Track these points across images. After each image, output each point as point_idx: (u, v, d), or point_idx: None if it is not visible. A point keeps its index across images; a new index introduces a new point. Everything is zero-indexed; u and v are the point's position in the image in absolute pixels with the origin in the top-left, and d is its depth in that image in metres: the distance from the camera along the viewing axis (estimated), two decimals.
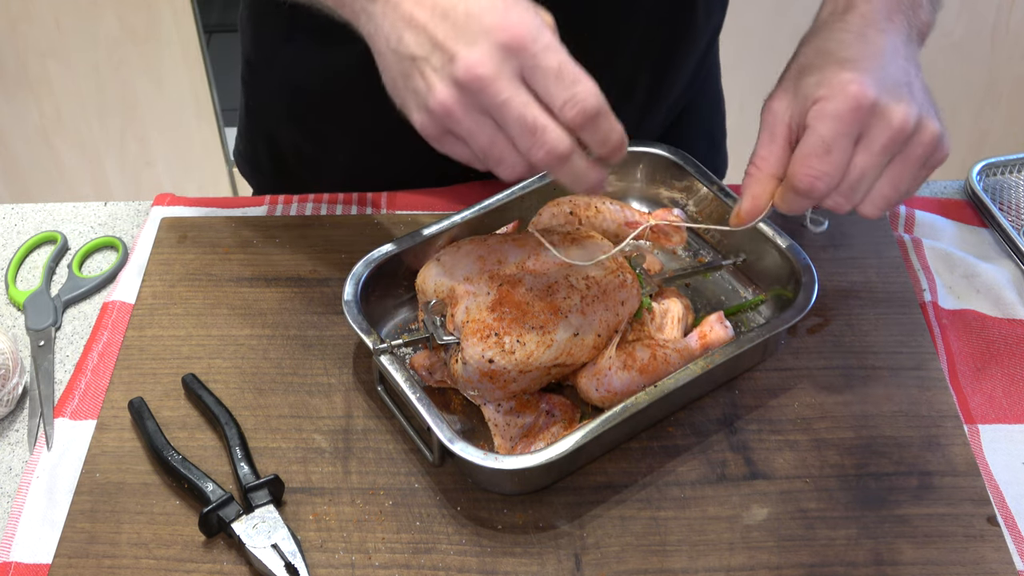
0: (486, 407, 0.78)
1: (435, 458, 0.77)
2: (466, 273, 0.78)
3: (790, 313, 0.81)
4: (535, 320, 0.75)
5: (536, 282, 0.77)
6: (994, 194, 1.02)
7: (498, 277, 0.77)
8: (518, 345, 0.74)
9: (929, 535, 0.74)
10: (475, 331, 0.74)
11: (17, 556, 0.74)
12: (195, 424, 0.82)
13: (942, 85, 2.21)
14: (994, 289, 0.92)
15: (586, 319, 0.76)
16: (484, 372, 0.74)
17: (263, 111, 1.11)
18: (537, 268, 0.79)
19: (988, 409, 0.83)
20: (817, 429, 0.81)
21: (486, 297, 0.76)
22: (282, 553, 0.72)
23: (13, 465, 0.81)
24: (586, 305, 0.77)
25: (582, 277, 0.78)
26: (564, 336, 0.75)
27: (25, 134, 2.26)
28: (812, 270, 0.83)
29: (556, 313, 0.75)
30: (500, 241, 0.81)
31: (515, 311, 0.75)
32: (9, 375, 0.82)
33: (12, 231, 1.01)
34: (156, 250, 0.96)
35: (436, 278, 0.79)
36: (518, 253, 0.80)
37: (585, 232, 0.84)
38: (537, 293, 0.76)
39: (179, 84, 2.18)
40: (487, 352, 0.74)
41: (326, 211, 1.00)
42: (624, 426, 0.75)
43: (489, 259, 0.79)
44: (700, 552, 0.73)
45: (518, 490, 0.77)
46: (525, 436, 0.78)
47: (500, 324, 0.74)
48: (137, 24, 2.09)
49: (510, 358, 0.74)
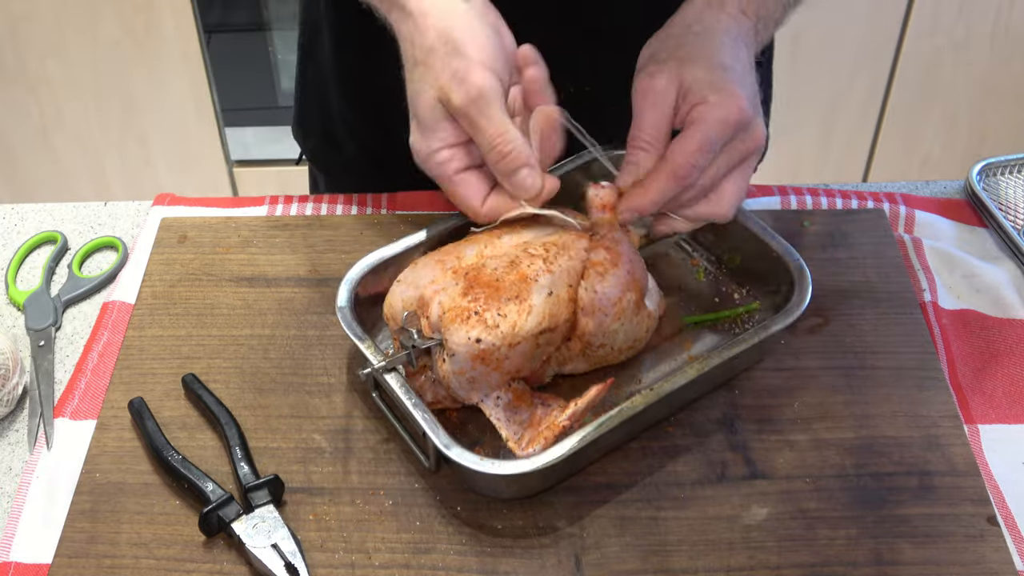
0: (484, 404, 0.78)
1: (431, 463, 0.77)
2: (429, 278, 0.78)
3: (785, 314, 0.80)
4: (509, 292, 0.75)
5: (498, 263, 0.77)
6: (994, 194, 1.02)
7: (461, 269, 0.77)
8: (500, 318, 0.74)
9: (929, 535, 0.74)
10: (454, 318, 0.74)
11: (17, 556, 0.74)
12: (195, 424, 0.82)
13: (942, 85, 2.21)
14: (994, 289, 0.92)
15: (554, 276, 0.77)
16: (475, 355, 0.74)
17: (317, 77, 1.12)
18: (496, 252, 0.79)
19: (988, 409, 0.83)
20: (817, 429, 0.81)
21: (455, 287, 0.76)
22: (282, 553, 0.72)
23: (13, 465, 0.81)
24: (549, 264, 0.77)
25: (539, 244, 0.79)
26: (540, 298, 0.76)
27: (25, 134, 2.26)
28: (806, 271, 0.83)
29: (526, 280, 0.76)
30: (453, 245, 0.81)
31: (487, 289, 0.75)
32: (9, 375, 0.82)
33: (12, 231, 1.01)
34: (156, 250, 0.96)
35: (402, 295, 0.78)
36: (473, 248, 0.80)
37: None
38: (503, 270, 0.76)
39: (179, 84, 2.18)
40: (472, 332, 0.73)
41: (326, 211, 1.00)
42: (621, 429, 0.75)
43: (447, 260, 0.79)
44: (700, 552, 0.73)
45: (515, 495, 0.76)
46: (529, 427, 0.77)
47: (477, 303, 0.74)
48: (137, 24, 2.09)
49: (496, 332, 0.74)
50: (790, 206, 1.00)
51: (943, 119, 2.28)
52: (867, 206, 0.99)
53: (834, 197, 1.00)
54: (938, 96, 2.24)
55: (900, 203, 1.00)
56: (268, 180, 2.34)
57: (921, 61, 2.17)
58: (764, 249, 0.86)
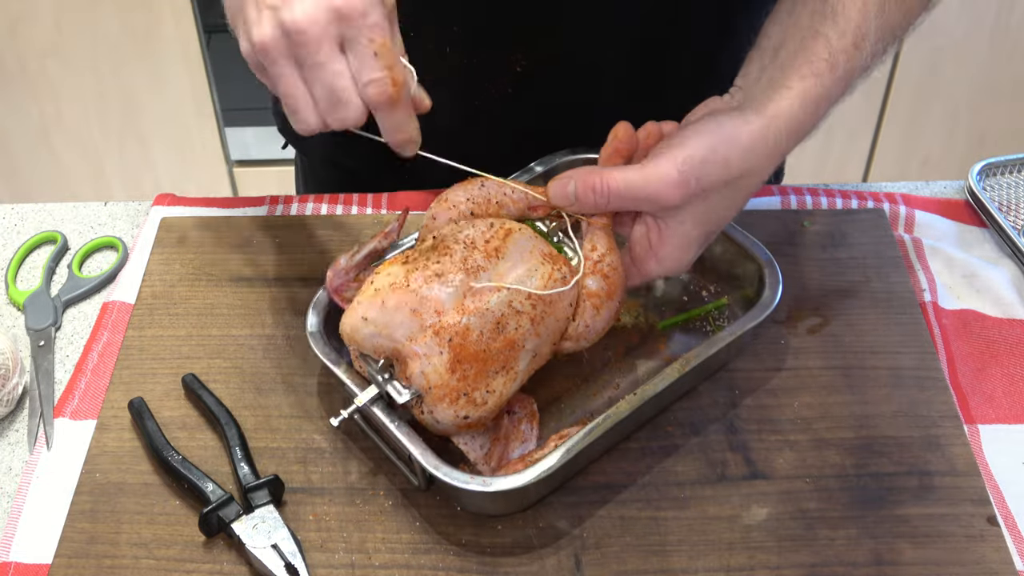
0: (457, 439, 0.76)
1: (421, 483, 0.76)
2: (406, 333, 0.72)
3: (759, 309, 0.81)
4: (496, 364, 0.72)
5: (483, 323, 0.72)
6: (994, 194, 1.02)
7: (444, 331, 0.71)
8: (488, 395, 0.72)
9: (929, 535, 0.74)
10: (441, 397, 0.71)
11: (17, 556, 0.74)
12: (195, 424, 0.82)
13: (942, 85, 2.21)
14: (994, 289, 0.92)
15: (540, 337, 0.75)
16: (461, 426, 0.73)
17: None
18: (479, 305, 0.72)
19: (988, 409, 0.83)
20: (817, 429, 0.81)
21: (440, 357, 0.71)
22: (282, 553, 0.72)
23: (13, 465, 0.81)
24: (537, 325, 0.74)
25: (524, 297, 0.74)
26: (525, 363, 0.74)
27: (25, 134, 2.26)
28: (773, 262, 0.84)
29: (513, 347, 0.73)
30: (425, 281, 0.73)
31: (475, 364, 0.72)
32: (9, 375, 0.82)
33: (12, 231, 1.01)
34: (156, 250, 0.96)
35: (372, 340, 0.73)
36: (449, 293, 0.72)
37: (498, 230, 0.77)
38: (489, 335, 0.72)
39: (179, 84, 2.18)
40: (460, 412, 0.72)
41: (326, 211, 1.00)
42: (606, 438, 0.74)
43: (424, 311, 0.72)
44: (700, 552, 0.73)
45: (504, 511, 0.75)
46: (496, 441, 0.76)
47: (465, 383, 0.71)
48: (137, 24, 2.09)
49: (484, 408, 0.72)
50: (790, 206, 1.00)
51: (943, 119, 2.28)
52: (867, 206, 0.99)
53: (834, 197, 1.00)
54: (938, 96, 2.24)
55: (900, 203, 1.00)
56: (268, 180, 2.34)
57: (921, 61, 2.17)
58: (726, 243, 0.87)
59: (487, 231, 0.76)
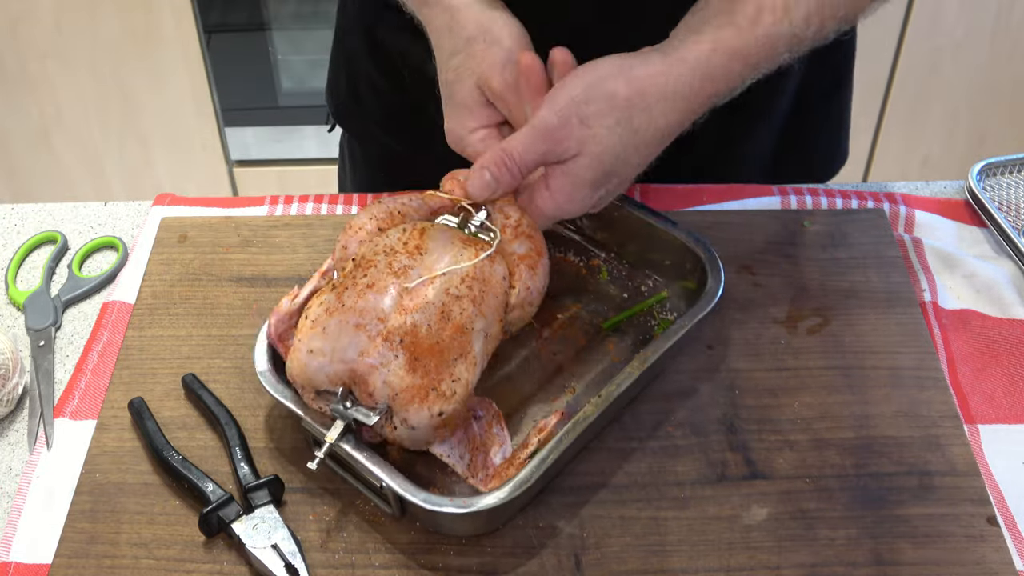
0: (436, 449, 0.75)
1: (395, 510, 0.74)
2: (357, 349, 0.71)
3: (707, 299, 0.81)
4: (453, 352, 0.72)
5: (428, 316, 0.72)
6: (994, 194, 1.02)
7: (393, 334, 0.71)
8: (455, 383, 0.72)
9: (929, 535, 0.74)
10: (411, 399, 0.71)
11: (17, 556, 0.74)
12: (195, 424, 0.82)
13: (942, 85, 2.21)
14: (994, 289, 0.92)
15: (487, 317, 0.75)
16: (437, 425, 0.72)
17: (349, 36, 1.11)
18: (418, 301, 0.72)
19: (988, 409, 0.83)
20: (817, 429, 0.81)
21: (397, 361, 0.71)
22: (282, 553, 0.72)
23: (13, 465, 0.81)
24: (479, 304, 0.74)
25: (459, 282, 0.74)
26: (480, 344, 0.74)
27: (25, 134, 2.26)
28: (712, 252, 0.85)
29: (463, 332, 0.73)
30: (359, 296, 0.73)
31: (433, 357, 0.71)
32: (9, 375, 0.82)
33: (12, 231, 1.01)
34: (156, 250, 0.96)
35: (324, 369, 0.72)
36: (387, 300, 0.72)
37: (413, 231, 0.77)
38: (437, 326, 0.72)
39: (179, 84, 2.18)
40: (433, 408, 0.71)
41: (326, 211, 1.00)
42: (579, 443, 0.75)
43: (367, 323, 0.72)
44: (700, 552, 0.73)
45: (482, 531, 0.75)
46: (475, 451, 0.76)
47: (429, 378, 0.71)
48: (137, 24, 2.09)
49: (454, 398, 0.72)
50: (790, 206, 1.00)
51: (943, 119, 2.28)
52: (867, 206, 0.99)
53: (834, 197, 1.00)
54: (938, 96, 2.24)
55: (900, 203, 1.00)
56: (268, 180, 2.34)
57: (921, 61, 2.17)
58: (654, 233, 0.88)
59: (402, 235, 0.77)
